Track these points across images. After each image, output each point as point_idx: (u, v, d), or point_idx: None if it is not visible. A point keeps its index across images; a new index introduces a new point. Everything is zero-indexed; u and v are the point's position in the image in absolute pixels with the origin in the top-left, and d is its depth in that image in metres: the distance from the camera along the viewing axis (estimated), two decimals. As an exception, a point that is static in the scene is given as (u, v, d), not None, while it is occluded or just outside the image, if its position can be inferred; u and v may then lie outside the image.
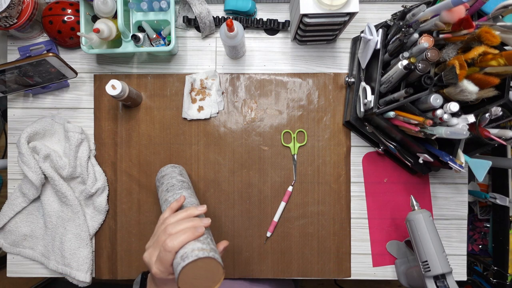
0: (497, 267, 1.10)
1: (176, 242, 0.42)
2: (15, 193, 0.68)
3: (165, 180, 0.59)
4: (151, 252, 0.44)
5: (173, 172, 0.61)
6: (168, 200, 0.54)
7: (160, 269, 0.43)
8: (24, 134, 0.64)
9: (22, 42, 0.70)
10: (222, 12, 0.69)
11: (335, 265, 0.69)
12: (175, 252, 0.42)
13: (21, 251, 0.69)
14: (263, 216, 0.69)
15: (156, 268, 0.43)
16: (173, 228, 0.44)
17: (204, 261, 0.41)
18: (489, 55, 0.48)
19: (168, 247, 0.41)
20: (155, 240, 0.45)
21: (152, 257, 0.44)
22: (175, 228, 0.44)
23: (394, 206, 0.70)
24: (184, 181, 0.60)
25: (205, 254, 0.41)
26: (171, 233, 0.43)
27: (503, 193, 1.07)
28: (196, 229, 0.44)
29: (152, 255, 0.44)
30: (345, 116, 0.68)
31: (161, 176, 0.61)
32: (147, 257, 0.44)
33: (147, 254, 0.45)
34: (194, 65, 0.70)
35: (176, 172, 0.61)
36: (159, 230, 0.45)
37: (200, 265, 0.41)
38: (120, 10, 0.59)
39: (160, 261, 0.42)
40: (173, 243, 0.41)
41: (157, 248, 0.44)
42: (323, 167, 0.69)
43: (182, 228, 0.44)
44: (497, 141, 0.54)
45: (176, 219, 0.45)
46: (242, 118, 0.69)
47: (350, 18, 0.57)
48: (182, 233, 0.43)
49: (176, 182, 0.58)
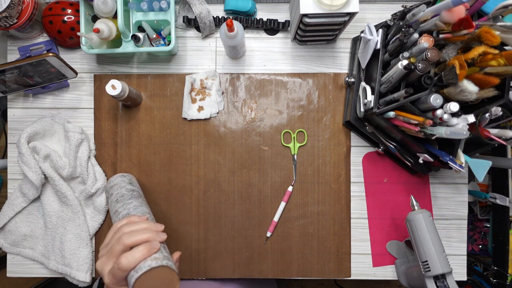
0: (497, 267, 1.10)
1: (132, 261, 0.40)
2: (15, 193, 0.68)
3: (114, 191, 0.58)
4: (104, 262, 0.43)
5: (122, 181, 0.61)
6: (118, 211, 0.53)
7: (112, 282, 0.42)
8: (24, 134, 0.64)
9: (22, 42, 0.70)
10: (222, 12, 0.69)
11: (335, 265, 0.69)
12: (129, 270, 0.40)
13: (21, 251, 0.69)
14: (263, 216, 0.69)
15: (108, 279, 0.42)
16: (128, 239, 0.42)
17: (158, 270, 0.41)
18: (489, 55, 0.48)
19: (123, 266, 0.40)
20: (109, 250, 0.43)
21: (105, 267, 0.43)
22: (130, 239, 0.42)
23: (394, 206, 0.70)
24: (134, 190, 0.59)
25: (158, 263, 0.41)
26: (126, 244, 0.42)
27: (503, 193, 1.07)
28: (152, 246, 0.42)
29: (105, 264, 0.43)
30: (345, 116, 0.68)
31: (110, 186, 0.60)
32: (100, 266, 0.43)
33: (100, 263, 0.43)
34: (194, 65, 0.70)
35: (126, 182, 0.61)
36: (114, 239, 0.44)
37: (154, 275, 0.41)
38: (120, 10, 0.59)
39: (113, 275, 0.41)
40: (128, 262, 0.40)
41: (111, 258, 0.43)
42: (323, 167, 0.69)
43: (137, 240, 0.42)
44: (497, 141, 0.54)
45: (131, 229, 0.44)
46: (242, 118, 0.69)
47: (350, 18, 0.57)
48: (137, 251, 0.41)
49: (125, 192, 0.57)
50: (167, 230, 0.69)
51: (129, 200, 0.55)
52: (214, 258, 0.69)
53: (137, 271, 0.40)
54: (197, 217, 0.69)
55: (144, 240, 0.43)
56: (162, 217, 0.69)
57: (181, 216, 0.69)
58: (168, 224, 0.69)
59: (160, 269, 0.41)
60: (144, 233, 0.43)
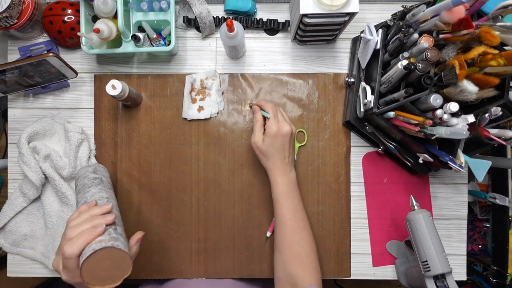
0: (497, 267, 1.10)
1: (75, 247, 0.40)
2: (15, 193, 0.68)
3: (78, 182, 0.58)
4: (58, 260, 0.43)
5: (86, 172, 0.60)
6: (79, 201, 0.53)
7: (69, 275, 0.42)
8: (24, 134, 0.64)
9: (23, 42, 0.70)
10: (222, 12, 0.69)
11: (335, 265, 0.69)
12: (76, 257, 0.40)
13: (21, 251, 0.69)
14: (263, 216, 0.69)
15: (65, 275, 0.42)
16: (72, 232, 0.42)
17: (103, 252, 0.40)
18: (489, 55, 0.48)
19: (67, 254, 0.40)
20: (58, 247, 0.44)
21: (59, 265, 0.43)
22: (74, 232, 0.42)
23: (394, 206, 0.70)
24: (96, 177, 0.58)
25: (102, 245, 0.40)
26: (70, 237, 0.42)
27: (503, 193, 1.07)
28: (95, 229, 0.42)
29: (59, 262, 0.43)
30: (345, 116, 0.68)
31: (76, 179, 0.60)
32: (55, 265, 0.43)
33: (54, 261, 0.43)
34: (194, 65, 0.70)
35: (90, 171, 0.60)
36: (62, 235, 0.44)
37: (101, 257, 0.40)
38: (120, 10, 0.59)
39: (66, 268, 0.41)
40: (72, 249, 0.40)
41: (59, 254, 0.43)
42: (323, 167, 0.69)
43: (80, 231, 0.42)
44: (497, 141, 0.54)
45: (76, 222, 0.44)
46: (242, 118, 0.69)
47: (350, 18, 0.57)
48: (79, 236, 0.41)
49: (87, 182, 0.56)
50: (167, 230, 0.69)
51: (88, 189, 0.54)
52: (214, 258, 0.69)
53: (82, 257, 0.40)
54: (197, 217, 0.69)
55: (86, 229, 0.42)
56: (162, 217, 0.69)
57: (181, 216, 0.69)
58: (168, 224, 0.69)
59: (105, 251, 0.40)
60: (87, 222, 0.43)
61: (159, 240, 0.69)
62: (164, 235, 0.69)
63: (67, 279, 0.42)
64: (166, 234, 0.69)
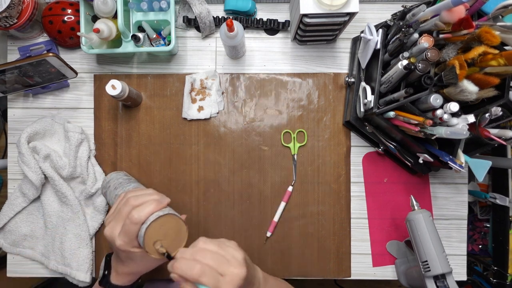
0: (497, 267, 1.10)
1: (143, 213, 0.41)
2: (15, 193, 0.68)
3: (112, 183, 0.60)
4: (113, 226, 0.43)
5: (117, 175, 0.63)
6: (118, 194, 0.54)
7: (125, 241, 0.42)
8: (24, 134, 0.64)
9: (22, 42, 0.70)
10: (222, 12, 0.69)
11: (335, 265, 0.69)
12: (141, 223, 0.41)
13: (21, 251, 0.69)
14: (263, 216, 0.69)
15: (120, 240, 0.42)
16: (135, 200, 0.43)
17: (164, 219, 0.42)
18: (489, 55, 0.48)
19: (135, 218, 0.41)
20: (117, 214, 0.44)
21: (114, 230, 0.43)
22: (137, 200, 0.43)
23: (394, 206, 0.70)
24: (131, 178, 0.61)
25: (164, 212, 0.42)
26: (134, 204, 0.43)
27: (503, 193, 1.07)
28: (161, 201, 0.43)
29: (114, 228, 0.43)
30: (345, 116, 0.68)
31: (107, 182, 0.62)
32: (109, 231, 0.44)
33: (108, 228, 0.44)
34: (194, 65, 0.70)
35: (121, 174, 0.63)
36: (121, 204, 0.45)
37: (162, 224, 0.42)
38: (120, 10, 0.59)
39: (125, 233, 0.42)
40: (139, 214, 0.41)
41: (120, 221, 0.43)
42: (323, 167, 0.69)
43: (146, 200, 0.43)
44: (497, 141, 0.54)
45: (139, 193, 0.45)
46: (242, 118, 0.69)
47: (350, 18, 0.57)
48: (147, 204, 0.42)
49: (122, 180, 0.59)
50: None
51: (127, 184, 0.57)
52: (214, 258, 0.69)
53: (146, 223, 0.41)
54: (197, 217, 0.69)
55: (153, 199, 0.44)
56: (162, 217, 0.69)
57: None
58: (168, 224, 0.69)
59: (167, 217, 0.42)
60: (150, 196, 0.45)
61: (159, 240, 0.69)
62: (164, 235, 0.69)
63: (121, 244, 0.42)
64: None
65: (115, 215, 0.44)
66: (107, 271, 0.50)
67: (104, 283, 0.49)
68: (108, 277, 0.49)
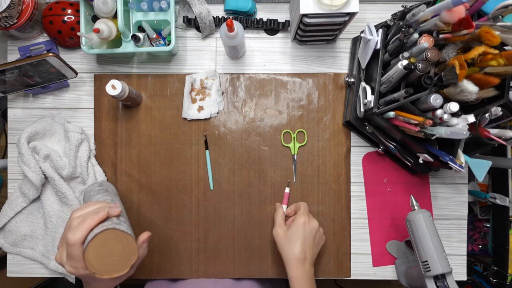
0: (497, 267, 1.10)
1: (78, 233, 0.39)
2: (15, 193, 0.68)
3: (86, 196, 0.59)
4: (61, 252, 0.42)
5: (92, 186, 0.61)
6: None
7: (73, 266, 0.40)
8: (24, 134, 0.64)
9: (22, 42, 0.70)
10: (222, 12, 0.69)
11: (335, 265, 0.69)
12: (80, 243, 0.39)
13: (21, 251, 0.69)
14: (263, 216, 0.69)
15: (69, 266, 0.41)
16: (75, 221, 0.41)
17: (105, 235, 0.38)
18: (489, 55, 0.48)
19: (70, 240, 0.39)
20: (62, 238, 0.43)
21: (62, 256, 0.42)
22: (77, 221, 0.41)
23: (394, 206, 0.70)
24: (102, 188, 0.59)
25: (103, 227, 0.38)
26: (74, 226, 0.41)
27: (503, 193, 1.07)
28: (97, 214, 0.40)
29: (62, 254, 0.42)
30: (345, 116, 0.68)
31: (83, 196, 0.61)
32: (58, 258, 0.42)
33: (57, 255, 0.42)
34: (194, 65, 0.70)
35: (96, 185, 0.61)
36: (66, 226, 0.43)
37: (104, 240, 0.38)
38: (120, 10, 0.59)
39: (70, 257, 0.40)
40: (74, 235, 0.39)
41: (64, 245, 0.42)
42: (323, 167, 0.69)
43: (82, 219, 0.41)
44: (497, 141, 0.54)
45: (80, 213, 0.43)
46: (242, 118, 0.69)
47: (350, 18, 0.57)
48: (82, 222, 0.40)
49: (93, 193, 0.57)
50: (167, 230, 0.69)
51: (94, 196, 0.55)
52: (214, 258, 0.69)
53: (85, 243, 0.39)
54: (197, 217, 0.69)
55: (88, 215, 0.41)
56: (162, 217, 0.69)
57: (181, 216, 0.69)
58: (168, 224, 0.69)
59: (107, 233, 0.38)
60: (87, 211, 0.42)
61: (159, 240, 0.69)
62: (164, 235, 0.69)
63: (72, 271, 0.41)
64: (166, 234, 0.69)
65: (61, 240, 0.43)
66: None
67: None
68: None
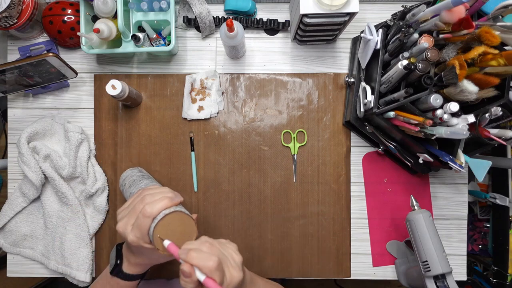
0: (497, 267, 1.10)
1: (155, 208, 0.43)
2: (15, 193, 0.68)
3: (126, 181, 0.61)
4: (127, 221, 0.45)
5: (132, 172, 0.64)
6: (132, 193, 0.56)
7: (137, 236, 0.43)
8: (24, 134, 0.64)
9: (22, 42, 0.70)
10: (222, 12, 0.69)
11: (335, 265, 0.69)
12: (153, 217, 0.42)
13: (21, 251, 0.69)
14: (263, 216, 0.69)
15: (133, 235, 0.43)
16: (150, 198, 0.45)
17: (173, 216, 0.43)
18: (489, 55, 0.48)
19: (147, 212, 0.42)
20: (131, 210, 0.45)
21: (127, 226, 0.44)
22: (152, 198, 0.45)
23: (394, 206, 0.70)
24: (144, 175, 0.62)
25: (176, 209, 0.43)
26: (149, 202, 0.44)
27: (503, 193, 1.07)
28: (174, 198, 0.45)
29: (127, 224, 0.44)
30: (345, 116, 0.68)
31: (122, 180, 0.63)
32: (122, 227, 0.45)
33: (121, 223, 0.45)
34: (194, 65, 0.70)
35: (135, 171, 0.64)
36: (136, 200, 0.46)
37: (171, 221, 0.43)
38: (120, 10, 0.59)
39: (138, 227, 0.43)
40: (152, 209, 0.42)
41: (133, 216, 0.44)
42: (323, 167, 0.69)
43: (160, 197, 0.45)
44: (497, 141, 0.54)
45: (152, 191, 0.47)
46: (242, 118, 0.69)
47: (350, 18, 0.57)
48: (159, 200, 0.44)
49: (136, 178, 0.60)
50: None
51: (140, 181, 0.58)
52: (214, 258, 0.69)
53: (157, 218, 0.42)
54: (197, 217, 0.69)
55: (166, 196, 0.45)
56: (162, 217, 0.69)
57: (181, 216, 0.69)
58: (168, 224, 0.69)
59: (177, 214, 0.43)
60: (163, 193, 0.46)
61: (159, 240, 0.69)
62: (164, 235, 0.69)
63: (133, 240, 0.43)
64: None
65: (129, 211, 0.46)
66: (119, 260, 0.50)
67: (116, 271, 0.50)
68: (120, 266, 0.50)
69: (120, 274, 0.49)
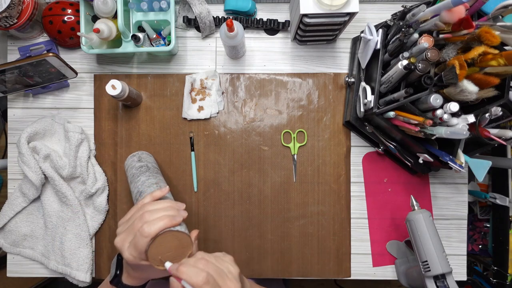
0: (497, 267, 1.10)
1: (153, 229, 0.41)
2: (15, 193, 0.68)
3: (128, 173, 0.60)
4: (124, 238, 0.44)
5: (132, 162, 0.62)
6: (132, 191, 0.55)
7: (133, 255, 0.42)
8: (24, 134, 0.64)
9: (22, 42, 0.70)
10: (222, 12, 0.69)
11: (335, 265, 0.69)
12: (151, 238, 0.41)
13: (21, 251, 0.69)
14: (263, 216, 0.69)
15: (128, 253, 0.43)
16: (150, 216, 0.43)
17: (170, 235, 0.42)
18: (489, 55, 0.48)
19: (145, 232, 0.41)
20: (130, 226, 0.44)
21: (125, 242, 0.44)
22: (152, 216, 0.43)
23: (394, 206, 0.70)
24: (142, 165, 0.60)
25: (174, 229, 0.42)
26: (148, 220, 0.43)
27: (503, 193, 1.07)
28: (174, 218, 0.43)
29: (125, 240, 0.44)
30: (345, 116, 0.68)
31: (125, 170, 0.62)
32: (120, 243, 0.44)
33: (119, 239, 0.44)
34: (194, 65, 0.70)
35: (135, 161, 0.61)
36: (135, 216, 0.45)
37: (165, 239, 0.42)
38: (120, 10, 0.59)
39: (134, 246, 0.42)
40: (150, 229, 0.41)
41: (131, 233, 0.43)
42: (323, 167, 0.69)
43: (160, 216, 0.43)
44: (497, 141, 0.54)
45: (154, 207, 0.45)
46: (242, 118, 0.69)
47: (350, 18, 0.57)
48: (159, 219, 0.42)
49: (135, 171, 0.58)
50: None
51: (137, 178, 0.57)
52: (214, 258, 0.69)
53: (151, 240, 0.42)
54: (197, 217, 0.69)
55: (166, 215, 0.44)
56: (162, 217, 0.69)
57: (181, 216, 0.69)
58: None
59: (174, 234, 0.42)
60: (165, 211, 0.45)
61: (159, 240, 0.69)
62: (164, 235, 0.69)
63: (129, 258, 0.43)
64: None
65: (128, 227, 0.45)
66: (119, 270, 0.50)
67: (116, 282, 0.49)
68: (119, 276, 0.49)
69: (119, 285, 0.49)
